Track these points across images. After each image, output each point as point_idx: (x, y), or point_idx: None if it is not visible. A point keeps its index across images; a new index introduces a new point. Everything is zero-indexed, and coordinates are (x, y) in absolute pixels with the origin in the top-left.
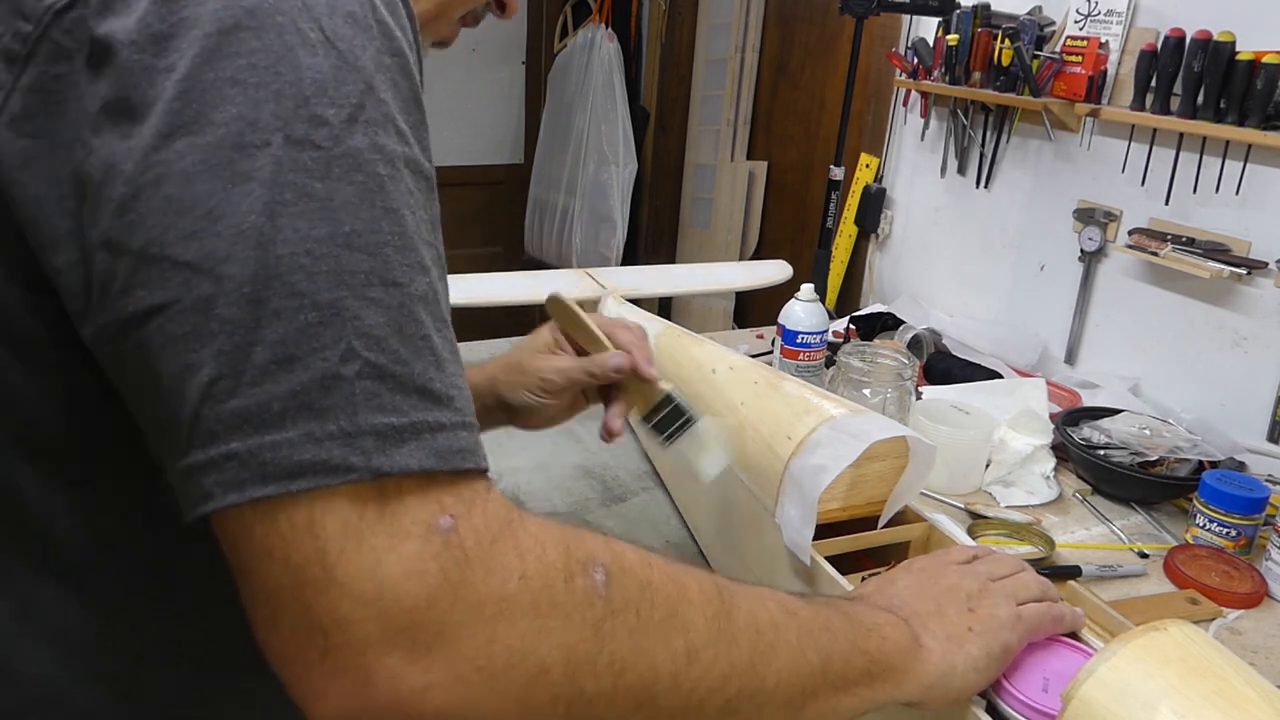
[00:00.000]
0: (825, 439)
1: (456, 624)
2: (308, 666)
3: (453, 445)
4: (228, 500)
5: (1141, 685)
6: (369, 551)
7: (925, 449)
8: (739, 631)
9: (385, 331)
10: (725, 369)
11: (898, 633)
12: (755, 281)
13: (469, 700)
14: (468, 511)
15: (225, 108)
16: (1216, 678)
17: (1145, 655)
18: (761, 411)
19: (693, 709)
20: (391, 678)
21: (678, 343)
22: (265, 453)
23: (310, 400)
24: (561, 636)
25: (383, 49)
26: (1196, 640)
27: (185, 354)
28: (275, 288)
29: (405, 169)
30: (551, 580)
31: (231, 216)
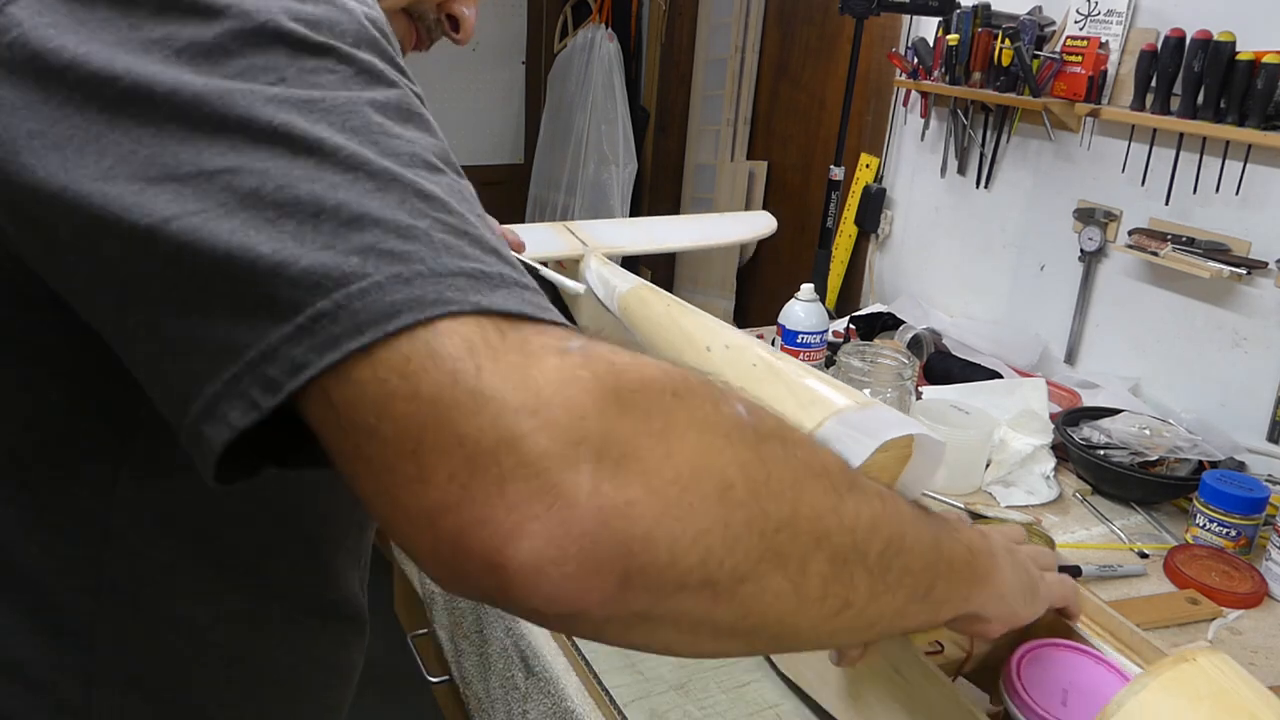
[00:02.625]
0: (834, 435)
1: (631, 435)
2: (487, 505)
3: (540, 302)
4: (326, 361)
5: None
6: (509, 366)
7: (933, 445)
8: (864, 482)
9: (448, 199)
10: (721, 347)
11: (977, 536)
12: (742, 234)
13: (675, 517)
14: (589, 342)
15: (215, 56)
16: (1249, 715)
17: (1176, 690)
18: (761, 398)
19: (860, 550)
20: (589, 494)
21: (666, 311)
22: (354, 301)
23: (390, 248)
24: (731, 454)
25: (366, 3)
26: (1227, 673)
27: (243, 240)
28: (326, 165)
29: (413, 95)
30: (702, 400)
31: (262, 125)
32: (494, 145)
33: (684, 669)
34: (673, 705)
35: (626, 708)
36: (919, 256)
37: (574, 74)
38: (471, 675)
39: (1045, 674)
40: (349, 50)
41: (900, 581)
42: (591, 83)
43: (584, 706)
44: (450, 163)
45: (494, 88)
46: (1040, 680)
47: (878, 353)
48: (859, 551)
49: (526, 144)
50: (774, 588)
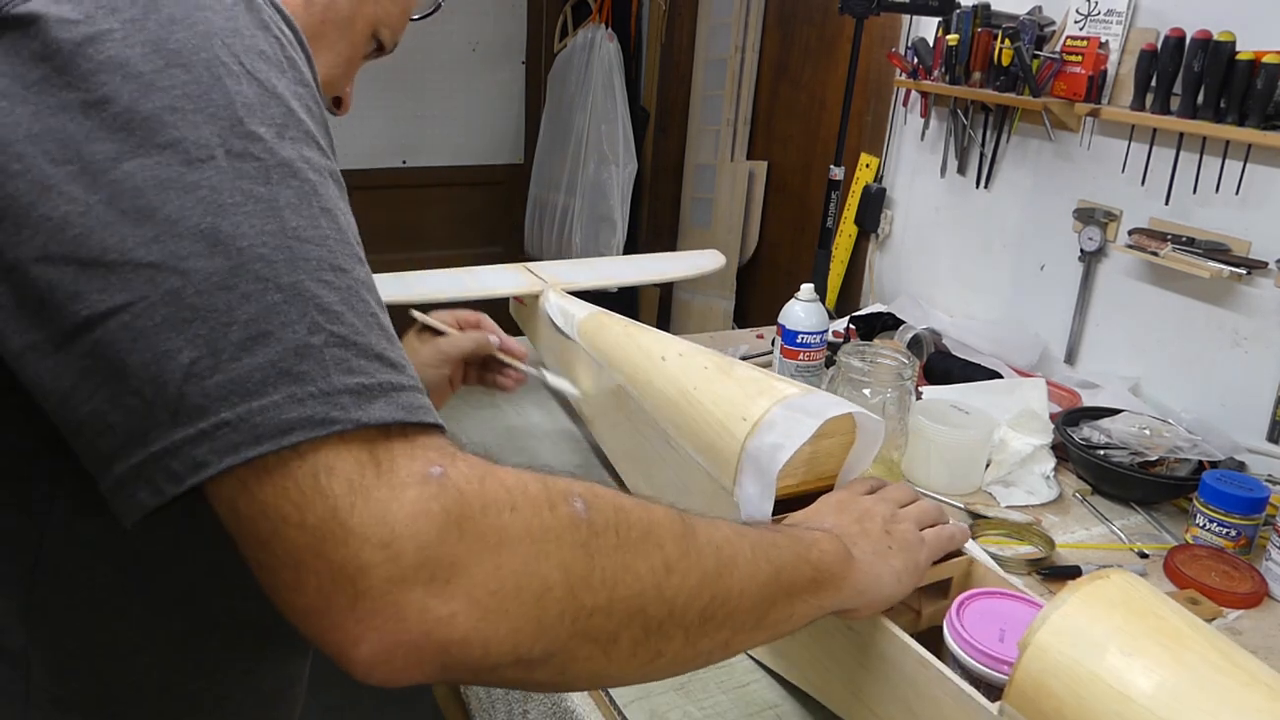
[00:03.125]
0: (780, 418)
1: (465, 555)
2: (341, 615)
3: (414, 403)
4: (224, 464)
5: (1090, 628)
6: (376, 502)
7: (873, 424)
8: (703, 546)
9: (341, 308)
10: (675, 355)
11: (833, 545)
12: (688, 271)
13: (490, 622)
14: (452, 462)
15: (167, 131)
16: (1155, 617)
17: (1092, 601)
18: (714, 395)
19: (677, 616)
20: (419, 610)
21: (624, 331)
22: (255, 416)
23: (288, 367)
24: (557, 557)
25: (294, 80)
26: (1137, 585)
27: (160, 343)
28: (241, 275)
29: (330, 178)
30: (539, 509)
31: (188, 220)
32: (494, 145)
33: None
34: (673, 705)
35: (626, 708)
36: (919, 256)
37: (574, 74)
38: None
39: (982, 618)
40: (272, 139)
41: (723, 624)
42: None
43: (584, 706)
44: (351, 251)
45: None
46: (978, 623)
47: (878, 353)
48: (674, 616)
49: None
50: (584, 655)
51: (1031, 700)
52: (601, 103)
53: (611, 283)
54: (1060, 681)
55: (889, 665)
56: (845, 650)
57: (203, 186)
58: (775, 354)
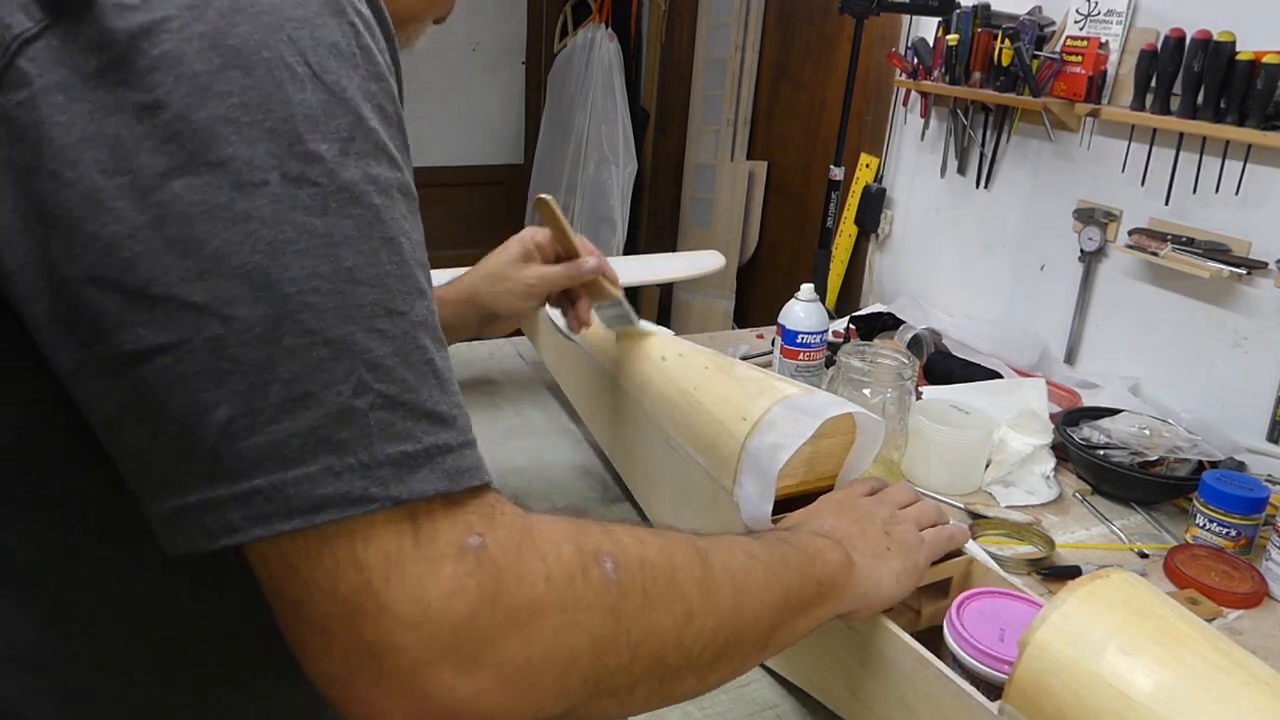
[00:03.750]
0: (780, 418)
1: (496, 634)
2: (364, 689)
3: (461, 465)
4: (254, 534)
5: (1090, 628)
6: (412, 578)
7: (873, 424)
8: (720, 586)
9: (393, 361)
10: (675, 356)
11: (836, 554)
12: (689, 271)
13: (515, 698)
14: (491, 527)
15: (221, 147)
16: (1156, 616)
17: (1092, 601)
18: (714, 395)
19: (692, 662)
20: (445, 691)
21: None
22: (289, 488)
23: (328, 435)
24: (587, 626)
25: (368, 76)
26: (1137, 585)
27: (198, 393)
28: (286, 326)
29: (399, 195)
30: (572, 577)
31: (236, 257)
32: (494, 145)
33: None
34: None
35: None
36: (919, 256)
37: (574, 74)
38: None
39: (982, 617)
40: (334, 159)
41: (734, 657)
42: (591, 83)
43: None
44: (413, 285)
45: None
46: (978, 622)
47: (878, 353)
48: (690, 661)
49: (526, 144)
50: (599, 707)
51: (1031, 699)
52: (601, 103)
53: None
54: (1060, 681)
55: (888, 664)
56: (845, 649)
57: (253, 218)
58: (775, 354)
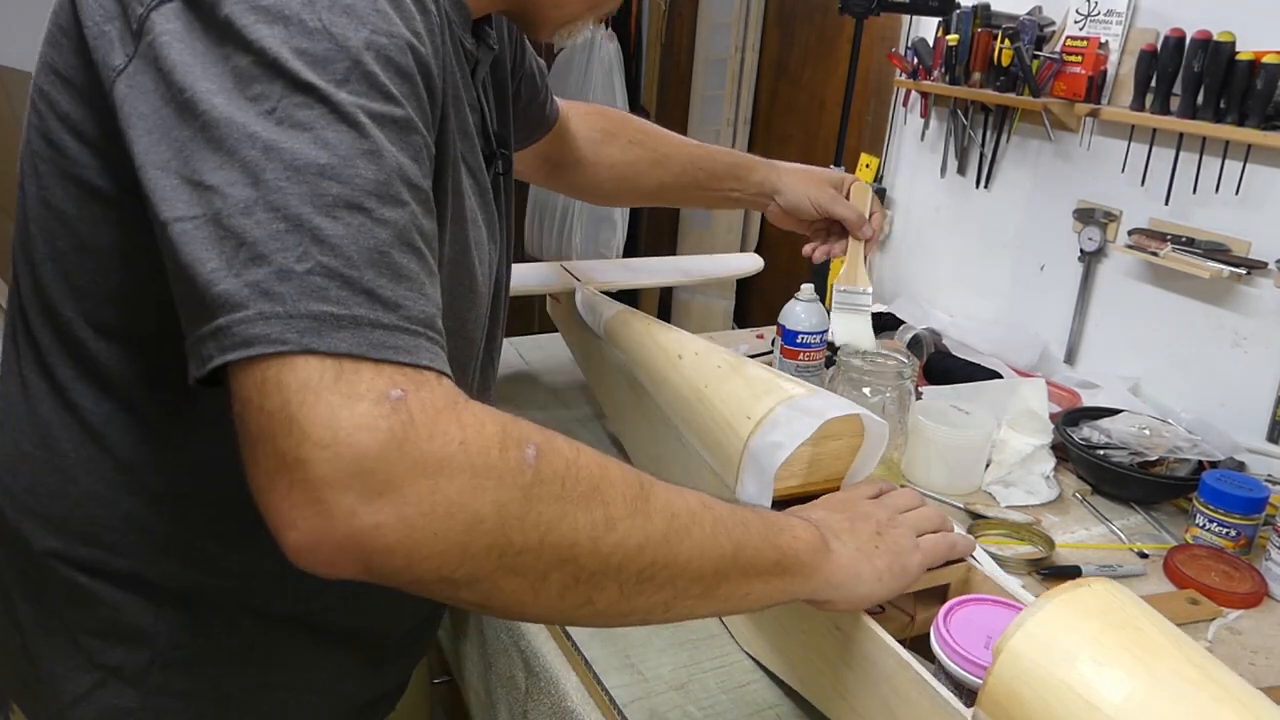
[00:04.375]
0: (783, 417)
1: (402, 475)
2: (279, 498)
3: (387, 341)
4: (215, 362)
5: (1064, 637)
6: (326, 406)
7: (877, 427)
8: (655, 512)
9: (343, 243)
10: (691, 354)
11: (808, 533)
12: (726, 273)
13: (415, 541)
14: (417, 389)
15: (251, 84)
16: (1133, 628)
17: (1069, 609)
18: (723, 393)
19: (612, 571)
20: (346, 514)
21: (645, 329)
22: (235, 326)
23: (268, 288)
24: (494, 495)
25: (377, 31)
26: (1117, 595)
27: (198, 250)
28: (260, 205)
29: (390, 124)
30: (488, 448)
31: (241, 152)
32: None
33: (684, 669)
34: (673, 705)
35: (626, 708)
36: (919, 256)
37: (574, 74)
38: (471, 675)
39: (970, 624)
40: (329, 90)
41: (663, 587)
42: (591, 83)
43: (584, 706)
44: (390, 191)
45: None
46: (965, 629)
47: (878, 353)
48: (610, 570)
49: None
50: (510, 587)
51: (1003, 707)
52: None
53: (647, 282)
54: (1030, 689)
55: (871, 666)
56: (833, 650)
57: (255, 126)
58: (775, 354)
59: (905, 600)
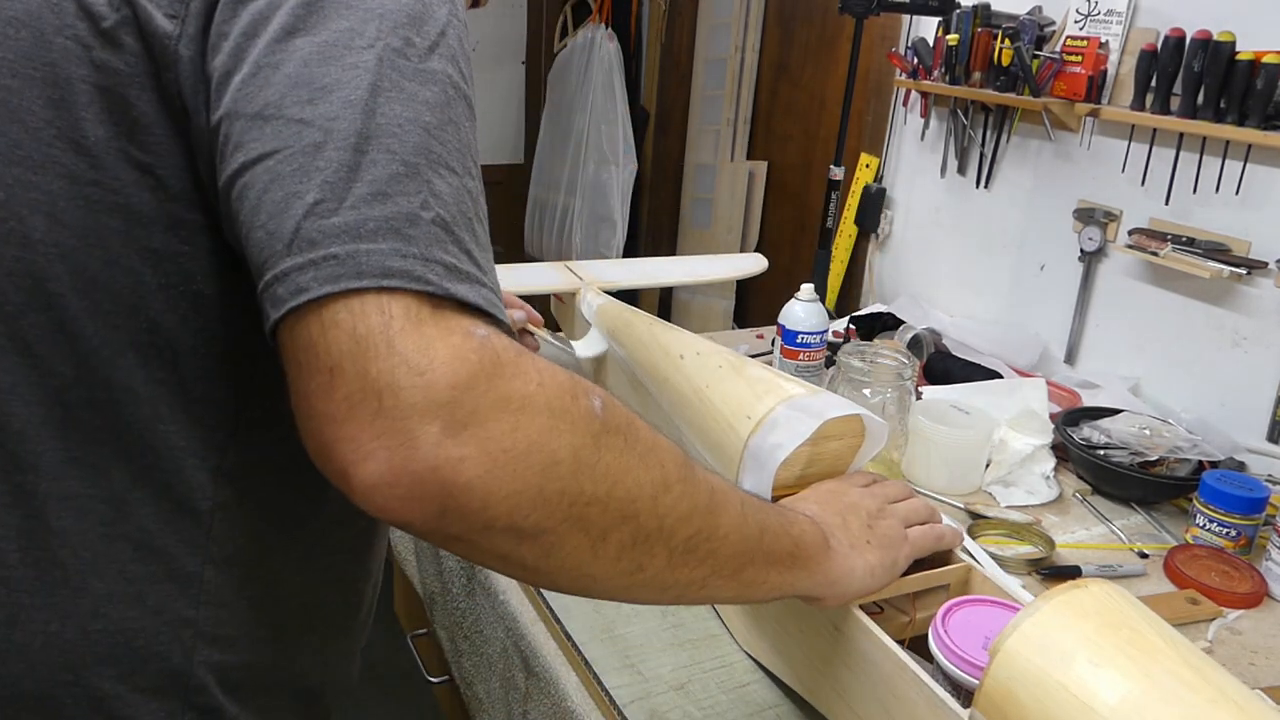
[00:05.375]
0: (783, 418)
1: (488, 409)
2: (359, 427)
3: (490, 299)
4: (324, 290)
5: (1061, 637)
6: (424, 335)
7: (876, 426)
8: (700, 481)
9: (450, 198)
10: (692, 354)
11: (812, 529)
12: (731, 273)
13: (496, 477)
14: (498, 335)
15: (339, 20)
16: (1130, 629)
17: (1065, 610)
18: (724, 393)
19: (665, 533)
20: (432, 445)
21: (647, 329)
22: (362, 257)
23: (398, 227)
24: (569, 438)
25: (452, 12)
26: (1114, 597)
27: (293, 184)
28: (374, 143)
29: (462, 100)
30: (562, 393)
31: (342, 89)
32: (494, 145)
33: (684, 669)
34: (673, 705)
35: (626, 708)
36: (919, 256)
37: (574, 74)
38: (471, 675)
39: (969, 625)
40: (424, 50)
41: (703, 561)
42: (591, 83)
43: (584, 706)
44: (466, 163)
45: (494, 88)
46: (963, 629)
47: (878, 353)
48: (663, 533)
49: (526, 144)
50: (572, 543)
51: (999, 707)
52: (601, 103)
53: (647, 283)
54: (1026, 690)
55: (870, 666)
56: (832, 650)
57: (360, 66)
58: (775, 354)
59: (904, 600)
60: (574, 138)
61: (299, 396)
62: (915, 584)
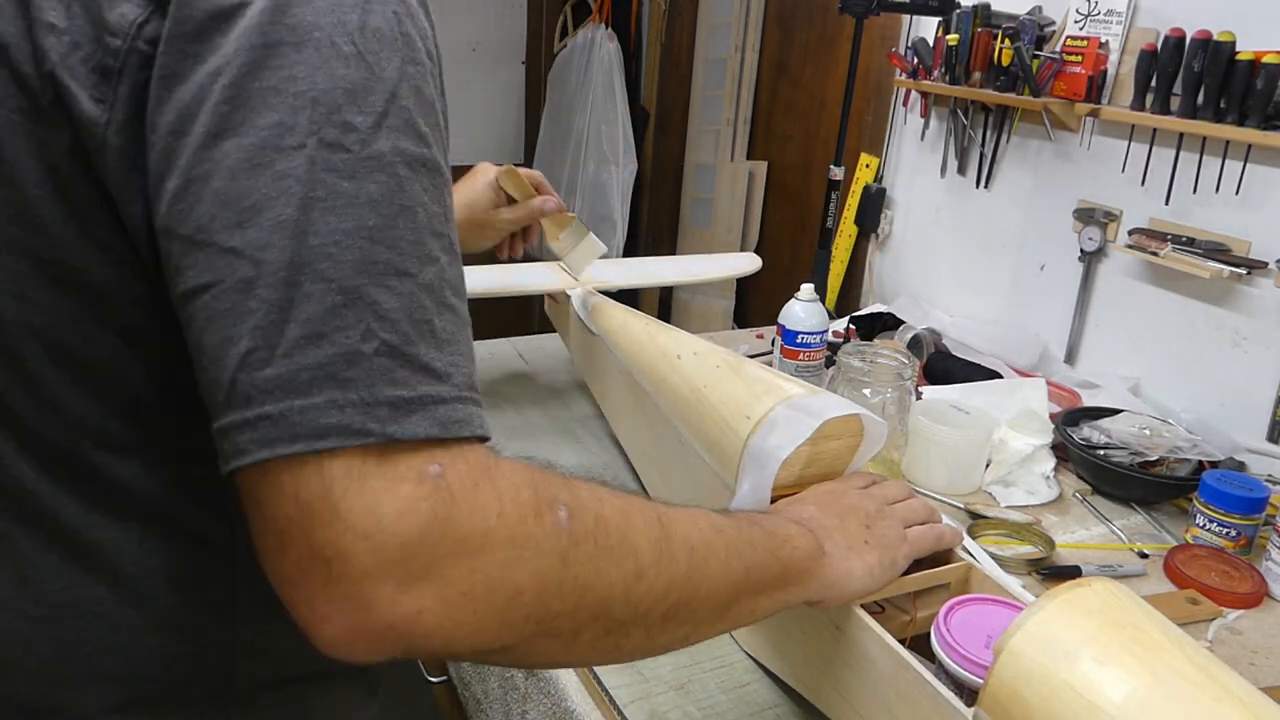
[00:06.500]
0: (782, 418)
1: (443, 556)
2: (312, 592)
3: (452, 416)
4: (260, 455)
5: (1065, 636)
6: (369, 492)
7: (875, 426)
8: (677, 550)
9: (398, 315)
10: (690, 354)
11: (806, 541)
12: (725, 273)
13: (455, 622)
14: (453, 461)
15: (267, 113)
16: (1134, 628)
17: (1069, 609)
18: (723, 393)
19: (640, 618)
20: (387, 604)
21: (643, 329)
22: (295, 415)
23: (335, 372)
24: (533, 565)
25: (406, 59)
26: (1118, 595)
27: (226, 327)
28: (307, 273)
29: (422, 169)
30: (525, 517)
31: (271, 209)
32: (494, 145)
33: (684, 669)
34: (673, 705)
35: (626, 708)
36: (919, 256)
37: (574, 74)
38: (471, 675)
39: (971, 624)
40: (366, 132)
41: (685, 622)
42: (591, 83)
43: (584, 706)
44: (425, 250)
45: (494, 88)
46: (966, 629)
47: (878, 353)
48: (638, 617)
49: (526, 144)
50: (542, 648)
51: (1003, 706)
52: (601, 103)
53: (647, 282)
54: (1031, 688)
55: (872, 665)
56: (834, 650)
57: (289, 176)
58: (775, 354)
59: (905, 600)
60: (574, 138)
61: (258, 549)
62: (916, 583)
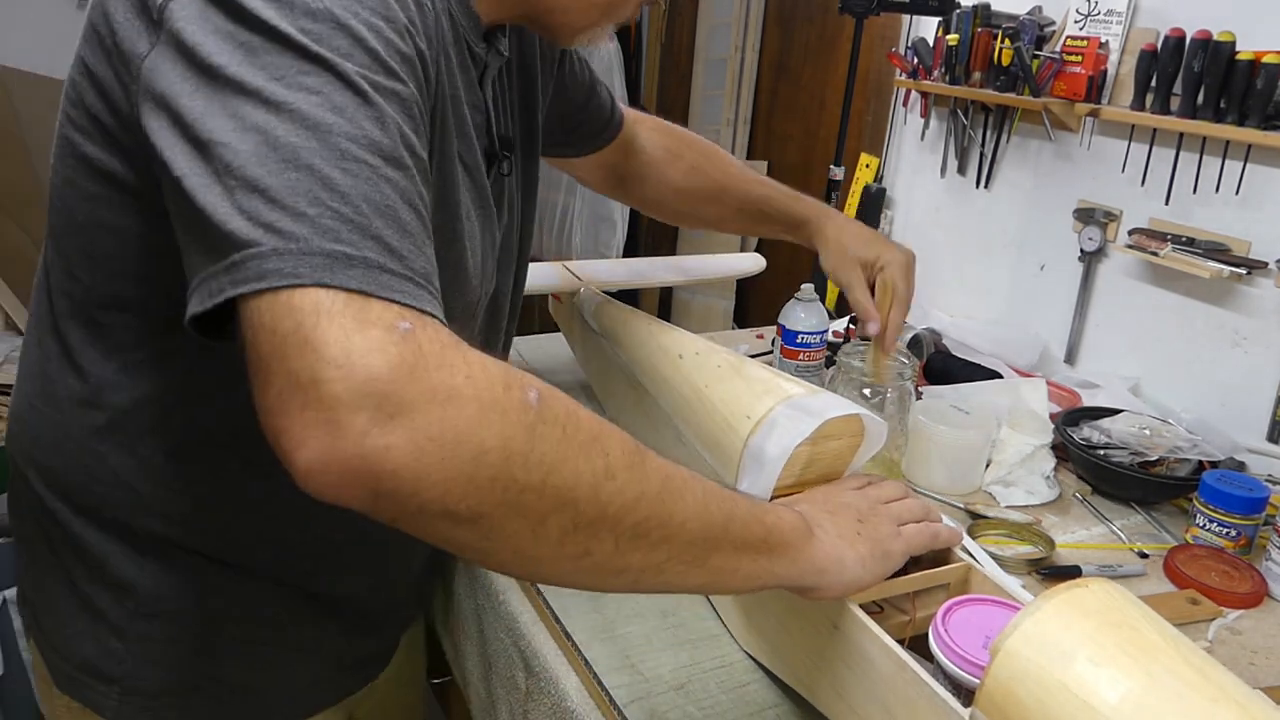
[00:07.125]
0: (783, 417)
1: (412, 400)
2: (291, 418)
3: (393, 285)
4: (228, 293)
5: (1061, 637)
6: (339, 328)
7: (875, 426)
8: (650, 470)
9: (352, 192)
10: (691, 354)
11: (792, 518)
12: (728, 273)
13: (423, 465)
14: (423, 326)
15: (261, 55)
16: (1130, 628)
17: (1066, 609)
18: (724, 393)
19: (608, 520)
20: (358, 434)
21: (645, 328)
22: (249, 262)
23: (282, 227)
24: (500, 429)
25: (375, 14)
26: (1115, 595)
27: (212, 197)
28: (272, 156)
29: (394, 97)
30: (492, 385)
31: (253, 115)
32: None
33: (684, 669)
34: (673, 705)
35: (626, 708)
36: (919, 256)
37: None
38: (471, 675)
39: (969, 624)
40: (335, 60)
41: (656, 546)
42: None
43: (584, 706)
44: (387, 154)
45: None
46: (964, 629)
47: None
48: (607, 519)
49: None
50: (511, 527)
51: (999, 706)
52: None
53: (647, 283)
54: (1027, 689)
55: (870, 665)
56: (832, 650)
57: (267, 89)
58: (775, 354)
59: (904, 600)
60: None
61: (252, 389)
62: (915, 583)
